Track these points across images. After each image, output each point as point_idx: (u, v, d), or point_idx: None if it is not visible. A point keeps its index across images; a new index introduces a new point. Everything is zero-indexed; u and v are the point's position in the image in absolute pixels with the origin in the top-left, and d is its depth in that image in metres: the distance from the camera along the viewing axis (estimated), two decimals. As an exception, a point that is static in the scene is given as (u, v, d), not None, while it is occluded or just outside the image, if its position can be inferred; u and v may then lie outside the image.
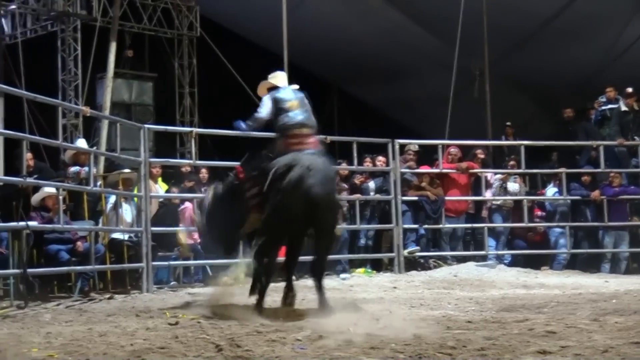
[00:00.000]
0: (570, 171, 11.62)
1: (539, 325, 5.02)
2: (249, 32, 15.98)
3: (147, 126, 9.39)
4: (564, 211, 11.46)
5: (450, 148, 11.36)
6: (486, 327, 5.06)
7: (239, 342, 4.44)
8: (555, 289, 8.52)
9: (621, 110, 12.64)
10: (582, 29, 14.52)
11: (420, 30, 15.38)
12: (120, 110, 14.01)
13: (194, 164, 10.53)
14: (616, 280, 9.71)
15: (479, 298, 7.54)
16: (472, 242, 11.64)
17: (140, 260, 8.61)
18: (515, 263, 11.28)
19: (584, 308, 6.26)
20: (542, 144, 12.37)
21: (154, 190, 9.57)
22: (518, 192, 11.63)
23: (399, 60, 15.53)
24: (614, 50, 14.91)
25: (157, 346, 4.34)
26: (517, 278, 9.93)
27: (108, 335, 4.84)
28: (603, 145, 11.61)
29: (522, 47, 15.23)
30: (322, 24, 14.90)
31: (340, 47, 15.02)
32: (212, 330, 4.99)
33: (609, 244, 11.39)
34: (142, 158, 8.80)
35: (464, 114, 13.90)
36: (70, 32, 13.93)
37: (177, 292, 8.54)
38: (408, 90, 15.99)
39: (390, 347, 4.22)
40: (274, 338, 4.61)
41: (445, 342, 4.30)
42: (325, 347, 4.29)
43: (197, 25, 15.60)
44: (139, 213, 8.91)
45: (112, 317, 6.10)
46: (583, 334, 4.57)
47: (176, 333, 4.86)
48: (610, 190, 11.37)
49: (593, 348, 4.08)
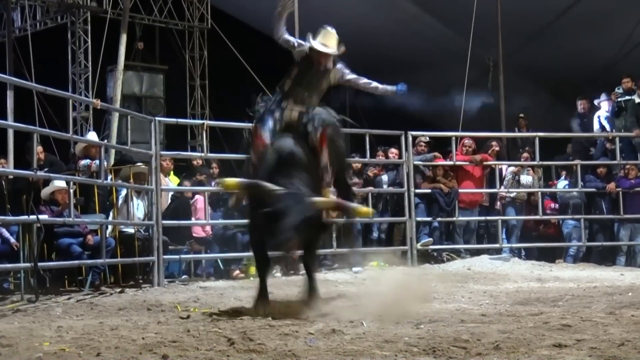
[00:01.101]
0: (585, 163, 11.54)
1: (554, 318, 4.97)
2: (261, 24, 15.81)
3: (157, 119, 9.37)
4: (577, 203, 11.36)
5: (465, 140, 11.29)
6: (501, 320, 5.03)
7: (251, 335, 4.42)
8: (570, 282, 8.49)
9: (636, 102, 12.50)
10: (598, 19, 14.37)
11: (434, 21, 15.29)
12: (131, 102, 14.04)
13: (205, 156, 10.56)
14: (632, 273, 9.64)
15: (493, 291, 7.53)
16: (485, 235, 11.54)
17: (151, 254, 8.59)
18: (529, 256, 11.19)
19: (599, 301, 6.23)
20: (556, 135, 12.23)
21: (165, 184, 9.53)
22: (532, 184, 11.53)
23: (412, 51, 15.42)
24: (631, 41, 14.74)
25: (169, 340, 4.31)
26: (531, 271, 9.88)
27: (119, 329, 4.83)
28: (619, 137, 11.48)
29: (537, 38, 15.10)
30: (335, 15, 14.67)
31: (353, 38, 14.77)
32: (224, 324, 4.97)
33: (624, 236, 11.31)
34: (153, 151, 8.77)
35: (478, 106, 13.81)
36: (80, 24, 13.97)
37: (189, 285, 8.52)
38: (424, 81, 15.87)
39: (404, 341, 4.19)
40: (287, 332, 4.59)
41: (459, 336, 4.26)
42: (338, 341, 4.27)
43: (207, 16, 15.60)
44: (150, 207, 8.87)
45: (123, 310, 6.11)
46: (599, 328, 4.54)
47: (188, 327, 4.84)
48: (626, 183, 11.27)
49: (609, 341, 4.03)
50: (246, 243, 9.60)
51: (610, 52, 14.95)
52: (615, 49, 14.93)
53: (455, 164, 10.94)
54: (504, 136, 12.85)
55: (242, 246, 9.81)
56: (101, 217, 8.84)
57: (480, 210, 11.28)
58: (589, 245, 11.37)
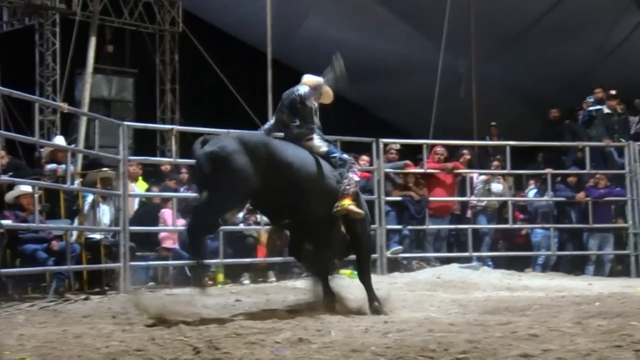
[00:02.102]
0: (555, 172, 11.56)
1: (522, 328, 4.91)
2: (233, 28, 15.79)
3: (126, 123, 9.25)
4: (546, 211, 11.38)
5: (437, 148, 11.27)
6: (469, 329, 4.97)
7: (217, 344, 4.36)
8: (539, 292, 8.46)
9: (604, 112, 12.59)
10: (571, 28, 14.46)
11: (407, 28, 15.29)
12: (100, 106, 13.86)
13: (175, 162, 10.40)
14: (600, 283, 9.66)
15: (462, 300, 7.48)
16: (455, 244, 11.52)
17: (118, 260, 8.49)
18: (499, 265, 11.19)
19: (567, 311, 6.21)
20: (527, 144, 12.25)
21: (132, 189, 9.42)
22: (502, 193, 11.54)
23: (385, 58, 15.41)
24: (603, 50, 14.84)
25: (134, 348, 4.27)
26: (500, 280, 9.85)
27: (83, 337, 4.76)
28: (589, 146, 11.54)
29: (510, 47, 15.14)
30: (307, 20, 14.75)
31: (326, 44, 14.86)
32: (190, 332, 4.89)
33: (593, 246, 11.34)
34: (121, 156, 8.67)
35: (450, 113, 13.81)
36: (48, 26, 13.77)
37: (155, 293, 8.33)
38: (395, 89, 15.90)
39: (371, 350, 4.16)
40: (254, 340, 4.52)
41: (427, 345, 4.21)
42: (305, 350, 4.24)
43: (179, 20, 15.46)
44: (117, 212, 8.78)
45: (88, 318, 6.02)
46: (566, 338, 4.49)
47: (153, 335, 4.76)
48: (596, 192, 11.30)
49: (575, 352, 4.02)
50: (214, 249, 9.55)
51: (583, 61, 15.04)
52: (587, 57, 15.01)
53: (427, 171, 10.91)
54: (476, 144, 12.87)
55: (210, 253, 9.74)
56: (67, 223, 8.69)
57: (451, 219, 11.26)
58: (558, 255, 11.38)
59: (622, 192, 11.37)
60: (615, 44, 14.69)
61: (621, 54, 14.65)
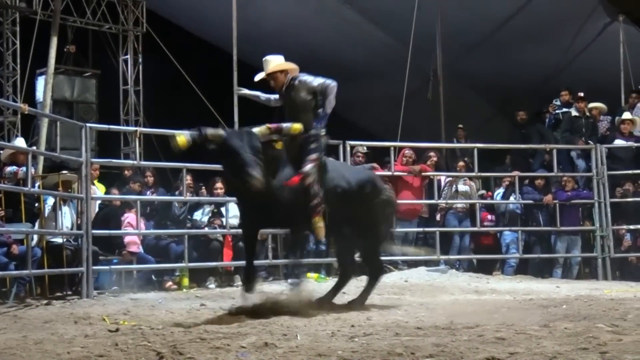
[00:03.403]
0: (522, 175, 11.55)
1: (488, 331, 4.96)
2: (198, 29, 15.61)
3: (89, 125, 9.18)
4: (513, 213, 11.37)
5: (404, 150, 11.23)
6: (436, 333, 5.00)
7: (181, 349, 4.34)
8: (506, 295, 8.49)
9: (572, 115, 12.62)
10: (538, 30, 14.48)
11: (374, 29, 15.20)
12: (62, 108, 13.63)
13: (138, 164, 10.37)
14: (568, 286, 9.73)
15: (430, 304, 7.48)
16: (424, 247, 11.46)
17: (80, 265, 8.36)
18: (466, 267, 11.21)
19: (534, 314, 6.24)
20: (495, 146, 12.23)
21: (94, 192, 9.29)
22: (470, 194, 11.50)
23: (352, 59, 15.32)
24: (570, 53, 14.89)
25: (96, 354, 4.24)
26: (468, 283, 9.87)
27: (44, 343, 4.71)
28: (556, 149, 11.54)
29: (478, 48, 15.13)
30: (274, 21, 14.61)
31: (292, 45, 14.74)
32: (154, 337, 4.84)
33: (561, 248, 11.36)
34: (84, 158, 8.56)
35: (418, 116, 13.75)
36: (8, 25, 13.54)
37: (119, 297, 8.34)
38: (363, 90, 15.81)
39: (337, 354, 4.17)
40: (218, 345, 4.50)
41: (393, 349, 4.23)
42: (270, 355, 4.23)
43: (143, 20, 15.23)
44: (79, 215, 8.64)
45: (49, 324, 5.92)
46: (532, 340, 4.53)
47: (116, 340, 4.72)
48: (563, 195, 11.31)
49: (541, 354, 4.04)
50: (180, 253, 9.43)
51: (550, 64, 15.09)
52: (555, 60, 15.06)
53: (394, 174, 10.83)
54: (443, 147, 12.85)
55: (176, 257, 9.62)
56: (27, 227, 8.53)
57: (419, 221, 11.19)
58: (526, 257, 11.36)
59: (589, 195, 11.39)
60: (582, 47, 14.74)
61: (588, 56, 14.70)
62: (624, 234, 11.42)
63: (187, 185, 9.69)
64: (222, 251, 10.03)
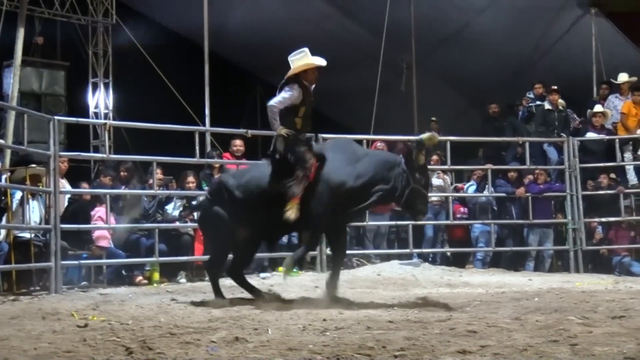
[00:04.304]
0: (495, 167, 11.56)
1: (460, 324, 4.99)
2: (168, 20, 15.46)
3: (57, 118, 9.05)
4: (484, 205, 11.37)
5: (377, 143, 11.18)
6: (408, 327, 5.01)
7: (150, 344, 4.30)
8: (479, 288, 8.51)
9: (545, 108, 12.65)
10: (511, 23, 14.49)
11: (347, 21, 15.14)
12: (30, 100, 13.45)
13: (108, 158, 10.24)
14: (540, 278, 9.78)
15: (402, 297, 7.43)
16: (396, 240, 11.44)
17: (49, 260, 8.26)
18: (438, 261, 11.23)
19: (506, 307, 6.24)
20: (468, 139, 12.21)
21: (62, 186, 9.13)
22: (444, 188, 11.49)
23: (325, 51, 15.00)
24: (543, 46, 14.93)
25: (63, 350, 4.18)
26: (441, 277, 9.88)
27: (10, 339, 4.61)
28: (529, 142, 11.55)
29: (451, 41, 15.11)
30: (246, 12, 14.49)
31: (264, 37, 14.69)
32: (123, 333, 4.81)
33: (533, 241, 11.38)
34: (52, 151, 8.46)
35: (391, 108, 13.72)
36: (-26, 16, 13.25)
37: (88, 292, 8.24)
38: (335, 83, 15.76)
39: (308, 348, 4.16)
40: (188, 340, 4.46)
41: (364, 343, 4.24)
42: (241, 349, 4.20)
43: (112, 11, 15.06)
44: (47, 210, 8.53)
45: (16, 319, 5.77)
46: (503, 333, 4.56)
47: (85, 336, 4.67)
48: (535, 188, 11.33)
49: (512, 347, 4.08)
50: (150, 247, 9.32)
51: (523, 57, 15.12)
52: (527, 53, 15.09)
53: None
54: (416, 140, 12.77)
55: (146, 251, 9.51)
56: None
57: (391, 215, 11.14)
58: (499, 250, 11.37)
59: (561, 188, 11.41)
60: (554, 40, 14.78)
61: (560, 49, 14.74)
62: (595, 227, 11.46)
63: (157, 179, 9.57)
64: (193, 245, 9.91)
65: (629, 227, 11.47)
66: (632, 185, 11.84)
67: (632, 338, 4.28)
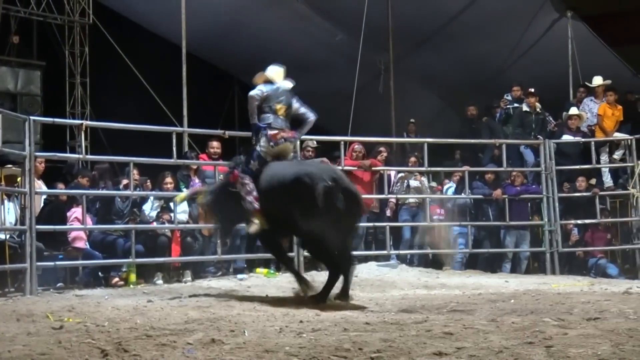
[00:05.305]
0: (472, 169, 11.59)
1: (437, 326, 5.02)
2: (145, 20, 15.34)
3: (33, 118, 8.95)
4: (462, 207, 11.41)
5: (354, 145, 11.18)
6: (384, 328, 5.04)
7: (126, 346, 4.31)
8: (456, 290, 8.54)
9: (522, 110, 12.72)
10: (488, 25, 14.54)
11: (325, 22, 15.10)
12: (5, 100, 13.27)
13: (84, 158, 10.13)
14: (516, 280, 9.81)
15: (379, 299, 7.51)
16: (374, 242, 11.43)
17: (24, 261, 8.17)
18: (416, 262, 11.22)
19: (482, 308, 6.29)
20: (445, 141, 12.24)
21: (38, 186, 9.06)
22: (422, 190, 11.50)
23: (303, 52, 15.21)
24: (519, 48, 15.00)
25: (38, 352, 4.19)
26: (418, 278, 9.89)
27: None
28: (505, 144, 11.61)
29: (428, 43, 15.15)
30: (223, 13, 14.42)
31: (242, 38, 14.62)
32: (99, 335, 4.80)
33: (510, 243, 11.41)
34: (27, 152, 8.38)
35: (369, 110, 13.72)
36: (-52, 15, 13.10)
37: (64, 294, 8.20)
38: (313, 84, 15.73)
39: (284, 350, 4.21)
40: (164, 342, 4.47)
41: (341, 345, 4.27)
42: (217, 351, 4.22)
43: (89, 11, 14.90)
44: (22, 211, 8.44)
45: None
46: (479, 335, 4.61)
47: (60, 338, 4.66)
48: (512, 189, 11.37)
49: (488, 349, 4.12)
50: (127, 249, 9.25)
51: (500, 59, 15.18)
52: (504, 56, 15.15)
53: (344, 169, 10.74)
54: (393, 141, 12.83)
55: (123, 252, 9.44)
56: (-33, 223, 8.29)
57: (369, 217, 11.14)
58: (475, 252, 11.40)
59: (538, 190, 11.46)
60: (531, 43, 14.86)
61: (537, 52, 14.83)
62: (571, 229, 11.54)
63: (133, 180, 9.51)
64: (170, 246, 9.85)
65: (604, 229, 11.57)
66: (607, 187, 11.94)
67: (607, 340, 4.32)
